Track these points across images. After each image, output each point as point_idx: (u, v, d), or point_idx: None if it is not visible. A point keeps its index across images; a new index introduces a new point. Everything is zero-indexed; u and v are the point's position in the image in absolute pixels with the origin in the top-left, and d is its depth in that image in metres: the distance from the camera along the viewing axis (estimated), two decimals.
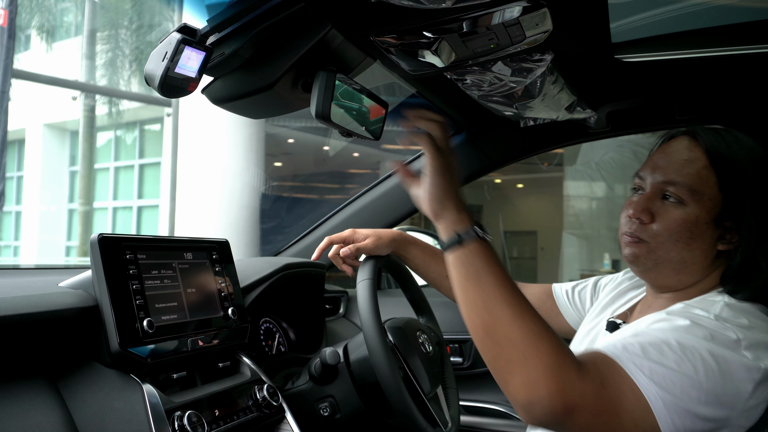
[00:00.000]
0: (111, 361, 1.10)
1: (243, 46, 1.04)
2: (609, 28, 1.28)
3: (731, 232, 1.11)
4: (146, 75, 0.97)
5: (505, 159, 1.93)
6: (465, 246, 1.00)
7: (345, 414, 1.43)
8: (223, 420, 1.18)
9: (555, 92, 1.44)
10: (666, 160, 1.17)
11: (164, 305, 1.19)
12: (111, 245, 1.13)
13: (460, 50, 1.16)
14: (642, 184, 1.20)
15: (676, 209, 1.12)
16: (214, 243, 1.39)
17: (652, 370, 0.92)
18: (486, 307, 0.95)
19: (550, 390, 0.88)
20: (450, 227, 1.02)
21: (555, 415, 0.88)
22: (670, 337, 0.95)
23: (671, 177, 1.14)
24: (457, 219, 1.02)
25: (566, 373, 0.89)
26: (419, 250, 1.61)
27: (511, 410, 1.89)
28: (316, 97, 1.09)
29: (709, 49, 1.44)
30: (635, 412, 0.91)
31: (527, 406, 0.90)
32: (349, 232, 1.53)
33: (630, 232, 1.17)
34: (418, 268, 1.62)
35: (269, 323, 1.75)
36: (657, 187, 1.16)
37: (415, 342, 1.45)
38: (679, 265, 1.13)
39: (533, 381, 0.89)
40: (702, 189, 1.11)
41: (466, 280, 0.99)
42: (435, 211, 1.05)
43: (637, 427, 0.91)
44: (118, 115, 11.52)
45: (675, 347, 0.94)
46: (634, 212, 1.16)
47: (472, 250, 0.99)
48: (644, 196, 1.17)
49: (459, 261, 1.00)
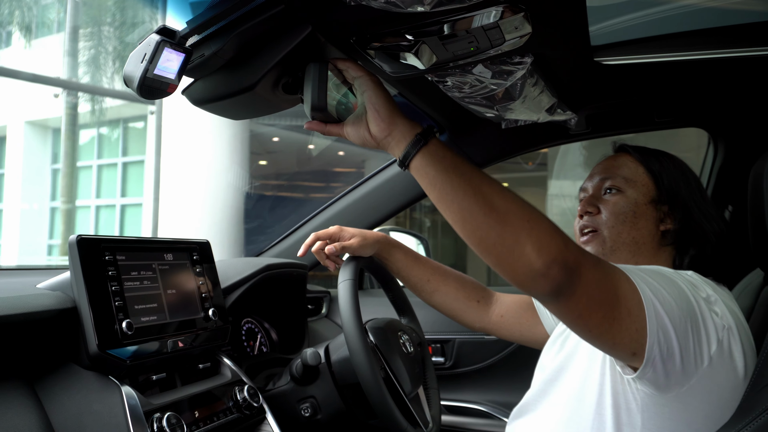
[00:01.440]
0: (89, 363, 1.10)
1: (223, 47, 1.03)
2: (588, 31, 1.30)
3: (669, 215, 1.27)
4: (125, 76, 0.96)
5: (487, 160, 1.94)
6: (430, 144, 0.99)
7: (326, 414, 1.43)
8: (203, 421, 1.18)
9: (535, 94, 1.45)
10: (600, 168, 1.37)
11: (144, 306, 1.18)
12: (90, 246, 1.12)
13: (440, 53, 1.16)
14: (585, 194, 1.38)
15: (617, 197, 1.30)
16: (194, 244, 1.39)
17: (645, 281, 0.98)
18: (477, 190, 0.95)
19: (560, 247, 0.90)
20: (408, 133, 1.01)
21: (568, 271, 0.89)
22: (658, 273, 1.04)
23: (606, 175, 1.33)
24: (410, 125, 1.02)
25: (567, 238, 0.92)
26: (402, 254, 1.62)
27: (492, 409, 1.90)
28: (310, 90, 1.08)
29: (687, 53, 1.45)
30: (630, 302, 0.94)
31: (545, 269, 0.89)
32: (335, 229, 1.53)
33: (583, 225, 1.32)
34: (400, 271, 1.62)
35: (251, 324, 1.75)
36: (596, 186, 1.34)
37: (396, 342, 1.46)
38: (632, 246, 1.27)
39: (544, 241, 0.90)
40: (634, 177, 1.31)
41: (445, 172, 0.97)
42: (387, 123, 1.03)
43: (630, 316, 0.94)
44: (101, 113, 11.42)
45: (664, 277, 1.03)
46: (582, 209, 1.33)
47: (437, 145, 0.99)
48: (588, 196, 1.35)
49: (430, 158, 0.98)
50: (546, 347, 1.35)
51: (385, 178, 1.99)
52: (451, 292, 1.61)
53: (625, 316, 0.94)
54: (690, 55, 1.46)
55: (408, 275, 1.62)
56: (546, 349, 1.34)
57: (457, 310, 1.62)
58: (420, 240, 2.38)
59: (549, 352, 1.31)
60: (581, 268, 0.91)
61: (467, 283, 1.64)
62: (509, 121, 1.64)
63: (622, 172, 1.32)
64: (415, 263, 1.62)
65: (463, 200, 0.95)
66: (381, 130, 1.03)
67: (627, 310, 0.94)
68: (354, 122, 1.08)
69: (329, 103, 1.09)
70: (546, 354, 1.33)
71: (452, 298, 1.61)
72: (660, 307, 0.95)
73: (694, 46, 1.44)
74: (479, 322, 1.62)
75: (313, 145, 9.99)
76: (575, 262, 0.90)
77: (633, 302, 0.95)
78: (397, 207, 1.99)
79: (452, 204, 0.97)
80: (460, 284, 1.63)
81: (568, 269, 0.90)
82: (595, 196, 1.33)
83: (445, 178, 0.97)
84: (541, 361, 1.34)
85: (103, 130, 12.73)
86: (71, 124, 10.33)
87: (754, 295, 1.36)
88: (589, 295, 0.92)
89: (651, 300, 0.95)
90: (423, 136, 0.99)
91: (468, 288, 1.63)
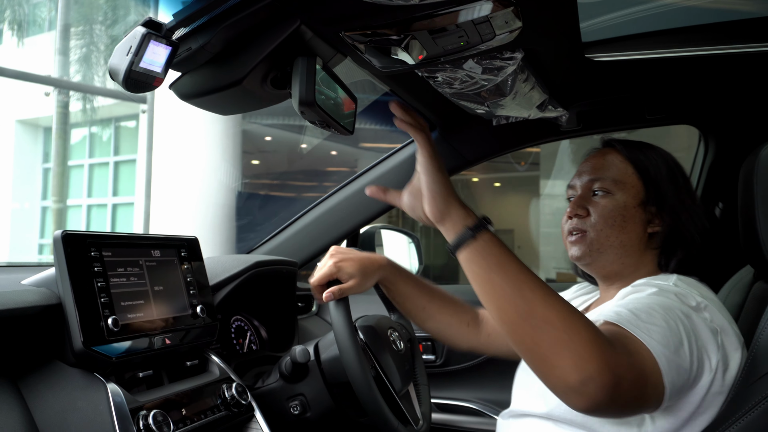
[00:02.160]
0: (74, 360, 1.08)
1: (210, 41, 1.02)
2: (579, 27, 1.29)
3: (657, 217, 1.27)
4: (110, 69, 0.95)
5: (478, 157, 1.93)
6: (479, 238, 0.98)
7: (316, 412, 1.42)
8: (191, 419, 1.17)
9: (526, 90, 1.44)
10: (588, 166, 1.35)
11: (130, 303, 1.17)
12: (75, 242, 1.11)
13: (430, 48, 1.15)
14: (573, 192, 1.36)
15: (606, 199, 1.29)
16: (182, 240, 1.38)
17: (649, 330, 0.96)
18: (518, 293, 0.93)
19: (599, 365, 0.86)
20: (459, 223, 1.01)
21: (606, 390, 0.86)
22: (649, 301, 1.03)
23: (595, 175, 1.31)
24: (464, 214, 1.01)
25: (606, 346, 0.89)
26: (403, 282, 1.52)
27: (483, 407, 1.90)
28: (298, 85, 1.06)
29: (678, 50, 1.45)
30: (653, 375, 0.93)
31: (581, 387, 0.86)
32: (332, 268, 1.36)
33: (571, 227, 1.31)
34: (396, 298, 1.54)
35: (240, 321, 1.74)
36: (586, 186, 1.33)
37: (386, 340, 1.45)
38: (619, 249, 1.27)
39: (582, 359, 0.86)
40: (623, 179, 1.29)
41: (489, 271, 0.96)
42: (441, 210, 1.03)
43: (655, 389, 0.94)
44: (93, 112, 11.38)
45: (657, 308, 1.01)
46: (571, 211, 1.32)
47: (488, 241, 0.98)
48: (578, 197, 1.33)
49: (477, 254, 0.98)
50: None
51: (375, 175, 1.98)
52: (445, 319, 1.56)
53: (650, 391, 0.94)
54: (681, 52, 1.46)
55: (405, 302, 1.55)
56: None
57: (448, 335, 1.58)
58: (411, 238, 2.37)
59: None
60: (620, 382, 0.87)
61: (458, 307, 1.59)
62: (500, 118, 1.63)
63: (611, 173, 1.30)
64: (415, 291, 1.54)
65: (503, 300, 0.95)
66: (435, 214, 1.04)
67: (653, 385, 0.94)
68: (411, 197, 1.12)
69: (318, 98, 1.08)
70: None
71: (445, 324, 1.57)
72: (671, 355, 0.95)
73: (685, 42, 1.44)
74: (467, 343, 1.58)
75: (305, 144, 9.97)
76: (613, 379, 0.86)
77: (654, 374, 0.94)
78: (387, 205, 1.98)
79: (491, 302, 0.97)
80: (453, 309, 1.58)
81: (606, 387, 0.86)
82: (584, 197, 1.32)
83: (487, 278, 0.97)
84: None
85: (94, 129, 12.67)
86: (62, 122, 10.27)
87: (744, 292, 1.37)
88: (624, 399, 0.90)
89: (663, 355, 0.94)
90: (473, 230, 0.99)
91: (459, 312, 1.58)
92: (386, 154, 1.99)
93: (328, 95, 1.13)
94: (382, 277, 1.47)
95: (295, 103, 1.07)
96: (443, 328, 1.57)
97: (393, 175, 1.95)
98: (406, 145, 1.97)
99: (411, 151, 1.94)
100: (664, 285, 1.11)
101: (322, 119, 1.13)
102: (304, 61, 1.06)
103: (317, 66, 1.08)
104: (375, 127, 8.40)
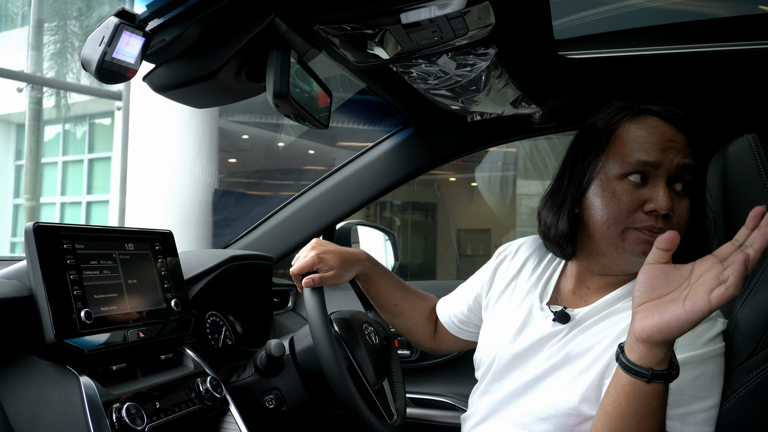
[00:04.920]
0: (46, 353, 1.07)
1: (184, 32, 1.03)
2: (551, 25, 1.31)
3: None
4: (83, 60, 0.95)
5: (452, 153, 1.94)
6: (649, 384, 0.88)
7: (290, 406, 1.42)
8: (165, 412, 1.16)
9: (500, 86, 1.46)
10: (675, 142, 1.10)
11: (103, 296, 1.17)
12: (47, 234, 1.10)
13: (404, 42, 1.17)
14: (648, 170, 1.10)
15: (685, 199, 1.11)
16: (156, 234, 1.37)
17: (696, 420, 0.97)
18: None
19: None
20: (649, 361, 0.87)
21: None
22: (691, 374, 0.99)
23: (686, 160, 1.09)
24: (662, 359, 0.86)
25: None
26: (379, 279, 1.52)
27: (458, 401, 1.92)
28: (272, 77, 1.07)
29: (649, 48, 1.48)
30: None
31: None
32: (314, 259, 1.38)
33: (656, 227, 1.07)
34: (371, 293, 1.54)
35: (215, 317, 1.73)
36: (674, 172, 1.09)
37: (361, 333, 1.46)
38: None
39: None
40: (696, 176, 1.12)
41: (632, 417, 0.90)
42: (651, 339, 0.85)
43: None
44: (67, 109, 11.22)
45: (697, 381, 0.99)
46: (665, 206, 1.06)
47: (655, 392, 0.88)
48: (666, 188, 1.08)
49: (635, 394, 0.89)
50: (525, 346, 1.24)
51: (351, 170, 1.99)
52: (414, 316, 1.57)
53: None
54: (652, 50, 1.48)
55: (379, 298, 1.56)
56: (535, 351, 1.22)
57: (414, 332, 1.59)
58: (387, 234, 2.38)
59: (542, 353, 1.20)
60: None
61: (428, 305, 1.60)
62: (474, 114, 1.65)
63: (694, 164, 1.10)
64: (390, 287, 1.55)
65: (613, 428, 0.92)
66: (646, 335, 0.85)
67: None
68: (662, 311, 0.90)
69: (292, 91, 1.08)
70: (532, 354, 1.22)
71: (414, 321, 1.58)
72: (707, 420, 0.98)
73: (656, 41, 1.47)
74: (428, 344, 1.60)
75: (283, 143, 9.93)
76: None
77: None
78: (364, 200, 1.99)
79: (605, 424, 0.93)
80: (423, 307, 1.59)
81: None
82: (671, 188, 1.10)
83: (626, 418, 0.90)
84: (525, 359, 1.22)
85: (68, 126, 12.50)
86: (35, 119, 10.10)
87: None
88: None
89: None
90: (651, 375, 0.87)
91: (428, 310, 1.60)
92: (361, 151, 2.00)
93: (302, 88, 1.13)
94: (361, 271, 1.49)
95: (270, 96, 1.08)
96: (411, 325, 1.58)
97: (368, 171, 1.96)
98: (381, 142, 1.98)
99: (387, 147, 1.95)
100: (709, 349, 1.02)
101: (297, 112, 1.13)
102: (278, 53, 1.07)
103: (292, 59, 1.09)
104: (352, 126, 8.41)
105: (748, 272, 0.75)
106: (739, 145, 1.19)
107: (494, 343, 1.28)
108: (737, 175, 1.17)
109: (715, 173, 1.24)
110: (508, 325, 1.28)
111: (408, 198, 11.89)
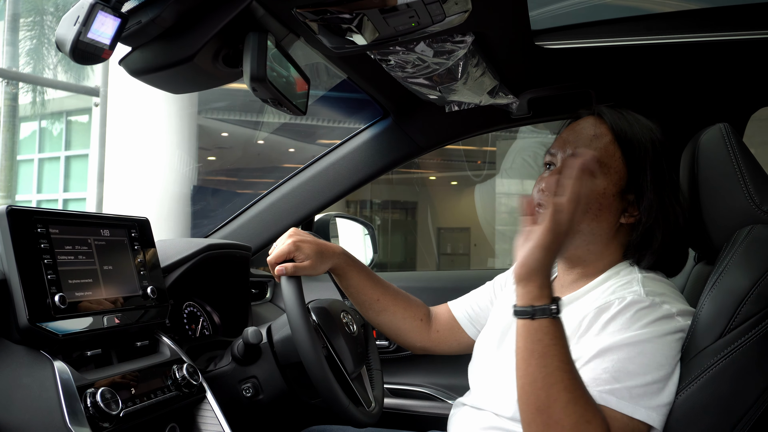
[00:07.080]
0: (20, 337, 1.06)
1: (160, 14, 1.02)
2: (528, 14, 1.33)
3: (633, 206, 1.19)
4: (57, 40, 0.94)
5: (431, 144, 1.95)
6: (536, 321, 0.97)
7: (268, 395, 1.42)
8: (140, 398, 1.15)
9: (477, 75, 1.47)
10: (575, 136, 1.23)
11: (78, 281, 1.16)
12: (20, 218, 1.09)
13: (382, 28, 1.17)
14: (553, 160, 1.25)
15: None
16: (133, 221, 1.36)
17: (631, 394, 0.99)
18: (545, 388, 0.95)
19: None
20: (527, 298, 0.98)
21: None
22: (629, 353, 1.01)
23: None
24: (537, 294, 0.98)
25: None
26: (356, 273, 1.51)
27: (436, 391, 1.92)
28: (249, 60, 1.06)
29: (626, 38, 1.50)
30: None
31: None
32: (290, 246, 1.38)
33: (542, 201, 1.20)
34: (349, 289, 1.53)
35: (193, 306, 1.72)
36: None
37: (338, 322, 1.45)
38: (588, 236, 1.19)
39: None
40: (609, 162, 1.18)
41: (530, 355, 0.97)
42: (520, 278, 1.00)
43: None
44: (43, 105, 11.08)
45: (636, 358, 1.01)
46: (547, 186, 1.20)
47: (543, 328, 0.97)
48: (556, 170, 1.22)
49: (527, 334, 0.98)
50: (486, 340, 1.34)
51: (330, 161, 1.99)
52: (399, 312, 1.54)
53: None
54: (627, 41, 1.50)
55: (358, 294, 1.53)
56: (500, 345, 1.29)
57: (402, 330, 1.56)
58: (366, 227, 2.38)
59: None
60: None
61: (412, 302, 1.58)
62: (452, 104, 1.66)
63: (598, 153, 1.18)
64: (368, 282, 1.53)
65: (529, 387, 0.97)
66: (515, 276, 1.01)
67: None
68: (519, 251, 1.03)
69: (269, 75, 1.08)
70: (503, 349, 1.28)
71: (399, 318, 1.54)
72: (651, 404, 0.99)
73: (631, 32, 1.49)
74: (420, 342, 1.57)
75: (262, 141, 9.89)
76: None
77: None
78: (342, 191, 1.99)
79: (518, 377, 0.99)
80: (407, 304, 1.57)
81: None
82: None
83: (527, 359, 0.98)
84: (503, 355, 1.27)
85: (45, 122, 12.35)
86: (11, 115, 9.97)
87: (685, 275, 1.41)
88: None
89: (646, 415, 0.99)
90: (535, 311, 0.97)
91: (413, 307, 1.57)
92: (339, 142, 2.00)
93: (280, 72, 1.13)
94: (336, 264, 1.47)
95: (246, 79, 1.07)
96: (397, 322, 1.55)
97: (347, 162, 1.96)
98: (359, 133, 1.98)
99: (365, 137, 1.96)
100: (637, 302, 1.06)
101: (274, 96, 1.13)
102: (255, 35, 1.06)
103: (269, 42, 1.08)
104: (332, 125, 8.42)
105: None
106: (711, 134, 1.20)
107: (482, 347, 1.36)
108: (708, 163, 1.19)
109: (687, 161, 1.26)
110: (495, 330, 1.34)
111: (388, 197, 11.91)
